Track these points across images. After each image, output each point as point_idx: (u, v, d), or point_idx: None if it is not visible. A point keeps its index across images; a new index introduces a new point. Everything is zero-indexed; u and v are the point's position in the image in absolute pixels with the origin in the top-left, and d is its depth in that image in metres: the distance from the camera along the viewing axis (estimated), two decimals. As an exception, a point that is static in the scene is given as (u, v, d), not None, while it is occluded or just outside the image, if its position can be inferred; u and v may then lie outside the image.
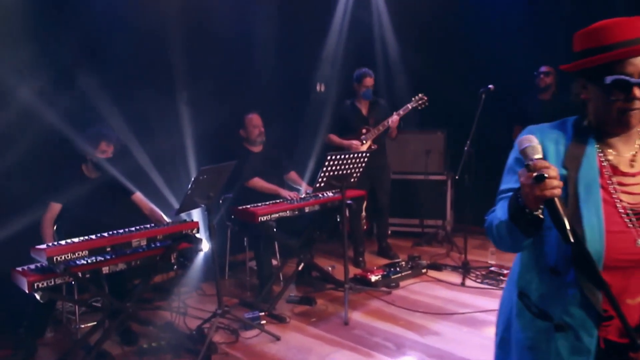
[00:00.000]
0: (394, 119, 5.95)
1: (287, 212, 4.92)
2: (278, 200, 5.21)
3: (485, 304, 5.02)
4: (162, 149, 5.42)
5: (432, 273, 5.96)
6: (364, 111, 6.19)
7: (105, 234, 3.89)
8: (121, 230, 3.96)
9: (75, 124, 4.61)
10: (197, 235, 4.16)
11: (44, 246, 3.59)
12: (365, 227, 6.77)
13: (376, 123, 6.06)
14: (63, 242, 3.70)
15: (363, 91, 6.07)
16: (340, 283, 5.24)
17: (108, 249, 3.72)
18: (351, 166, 4.93)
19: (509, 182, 1.82)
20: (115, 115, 4.92)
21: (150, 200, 4.70)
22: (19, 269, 3.64)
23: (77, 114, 4.68)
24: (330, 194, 5.30)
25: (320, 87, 6.92)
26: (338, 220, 5.19)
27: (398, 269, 5.79)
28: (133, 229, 4.02)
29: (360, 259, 6.30)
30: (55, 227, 4.56)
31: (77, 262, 3.64)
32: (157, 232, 3.97)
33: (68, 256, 3.53)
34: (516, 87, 6.43)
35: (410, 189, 7.18)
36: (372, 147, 6.03)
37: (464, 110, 6.40)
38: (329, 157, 4.70)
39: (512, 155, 1.87)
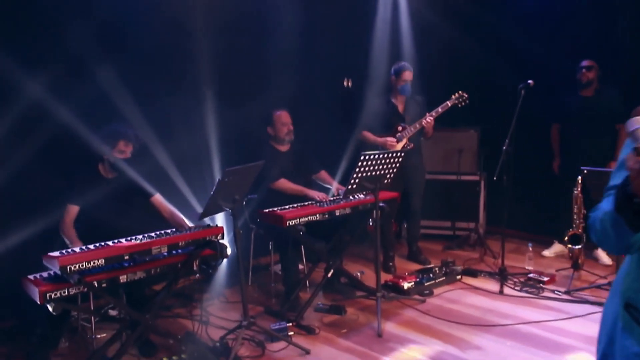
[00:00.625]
0: (428, 119, 5.57)
1: (317, 215, 4.56)
2: (307, 203, 4.84)
3: (527, 314, 4.65)
4: (184, 148, 5.08)
5: (467, 279, 5.59)
6: (400, 108, 5.82)
7: (123, 240, 3.56)
8: (140, 237, 3.63)
9: (91, 121, 4.28)
10: (222, 242, 3.81)
11: (56, 254, 3.27)
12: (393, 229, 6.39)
13: (412, 121, 5.69)
14: (77, 249, 3.38)
15: (401, 85, 5.70)
16: (371, 291, 4.89)
17: (126, 257, 3.39)
18: (386, 166, 4.58)
19: (618, 179, 1.58)
20: (134, 112, 4.58)
21: (172, 203, 4.37)
22: (31, 277, 3.35)
23: (94, 111, 4.35)
24: (362, 196, 4.93)
25: (347, 83, 6.53)
26: (370, 223, 4.82)
27: (431, 275, 5.42)
28: (153, 234, 3.68)
29: (390, 263, 5.95)
30: (72, 230, 4.26)
31: (93, 270, 3.30)
32: (178, 239, 3.63)
33: (83, 265, 3.21)
34: (556, 83, 6.03)
35: (442, 190, 6.79)
36: (408, 145, 5.66)
37: (498, 107, 6.05)
38: (362, 157, 4.35)
39: (625, 149, 1.60)
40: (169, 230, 3.83)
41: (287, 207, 4.67)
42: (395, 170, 4.69)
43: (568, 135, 6.02)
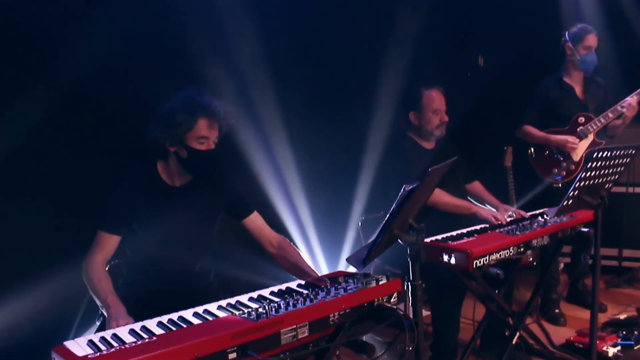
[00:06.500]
0: (629, 101, 3.63)
1: (511, 249, 2.61)
2: (479, 227, 2.91)
3: None
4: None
5: (680, 337, 3.58)
6: (579, 92, 3.86)
7: (215, 310, 1.70)
8: (247, 301, 1.76)
9: (146, 87, 2.44)
10: (398, 307, 1.87)
11: (83, 350, 1.41)
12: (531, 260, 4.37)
13: (598, 109, 3.77)
14: (125, 333, 1.50)
15: (583, 55, 3.72)
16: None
17: (232, 355, 1.47)
18: (609, 170, 2.76)
19: None
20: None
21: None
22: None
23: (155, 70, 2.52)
24: (555, 218, 2.98)
25: (481, 61, 4.58)
26: (585, 259, 2.86)
27: (636, 332, 3.44)
28: (269, 295, 1.80)
29: (557, 310, 3.96)
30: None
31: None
32: (330, 308, 1.69)
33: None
34: None
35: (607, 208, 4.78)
36: (598, 143, 3.76)
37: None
38: (595, 154, 2.56)
39: None
40: (294, 285, 1.94)
41: (455, 235, 2.74)
42: (616, 176, 2.86)
43: None
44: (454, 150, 3.43)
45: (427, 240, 2.62)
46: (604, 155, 2.59)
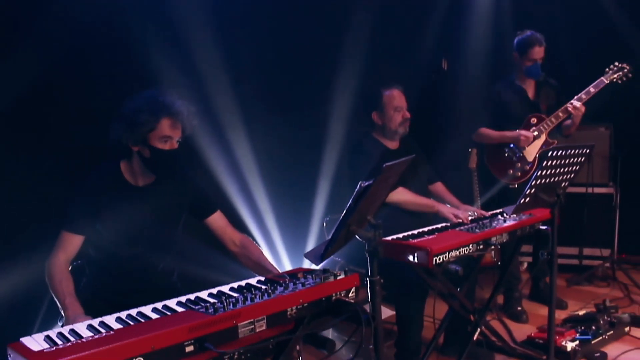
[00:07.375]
0: (576, 104, 3.76)
1: (470, 246, 2.68)
2: (440, 225, 2.98)
3: None
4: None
5: (636, 332, 3.70)
6: (530, 93, 3.99)
7: (175, 305, 1.71)
8: (206, 297, 1.79)
9: (110, 86, 2.44)
10: (355, 301, 1.91)
11: (38, 345, 1.42)
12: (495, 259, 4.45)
13: (551, 109, 3.90)
14: (84, 329, 1.52)
15: (528, 66, 3.87)
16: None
17: (189, 348, 1.49)
18: (566, 169, 2.83)
19: None
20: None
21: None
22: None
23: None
24: (514, 217, 3.07)
25: (444, 64, 4.66)
26: (543, 256, 2.93)
27: (594, 327, 3.53)
28: (228, 291, 1.83)
29: (519, 308, 4.05)
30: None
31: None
32: (289, 302, 1.72)
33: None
34: None
35: (565, 207, 4.89)
36: (550, 142, 3.87)
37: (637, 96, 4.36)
38: (550, 153, 2.64)
39: None
40: (254, 281, 1.97)
41: (416, 233, 2.80)
42: (573, 174, 2.92)
43: None
44: (417, 151, 3.49)
45: (389, 238, 2.68)
46: (559, 154, 2.67)
